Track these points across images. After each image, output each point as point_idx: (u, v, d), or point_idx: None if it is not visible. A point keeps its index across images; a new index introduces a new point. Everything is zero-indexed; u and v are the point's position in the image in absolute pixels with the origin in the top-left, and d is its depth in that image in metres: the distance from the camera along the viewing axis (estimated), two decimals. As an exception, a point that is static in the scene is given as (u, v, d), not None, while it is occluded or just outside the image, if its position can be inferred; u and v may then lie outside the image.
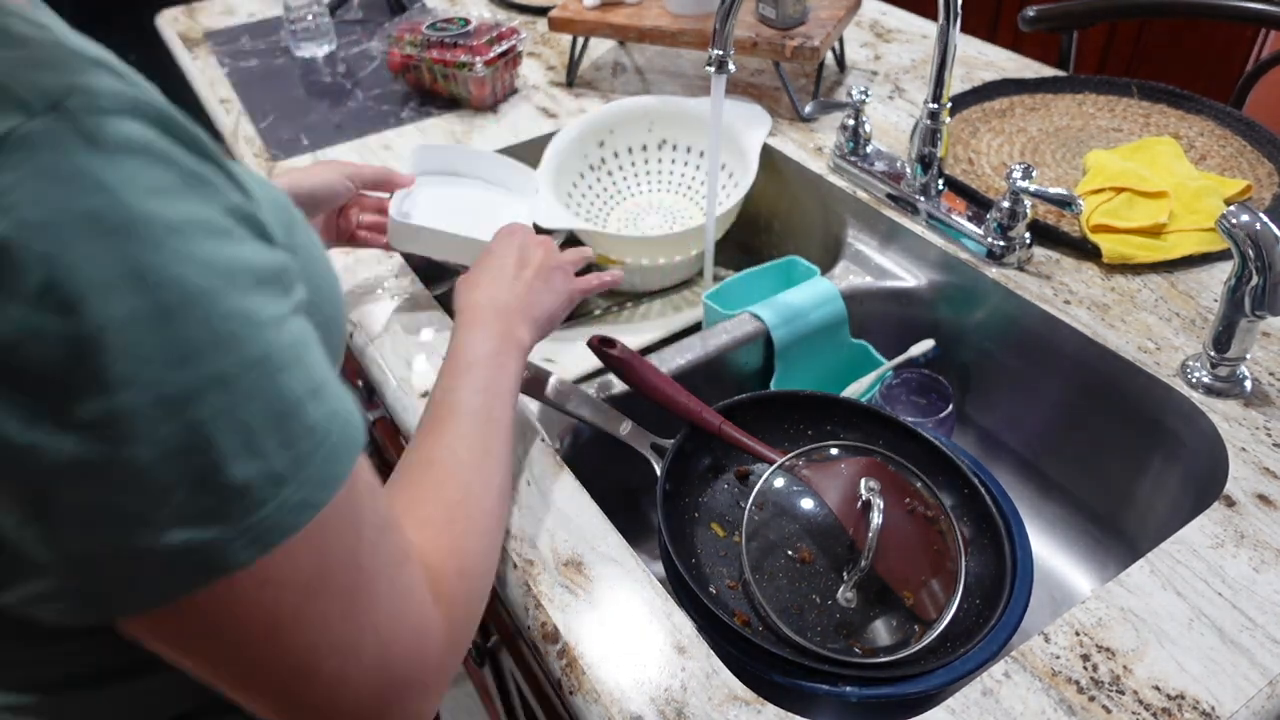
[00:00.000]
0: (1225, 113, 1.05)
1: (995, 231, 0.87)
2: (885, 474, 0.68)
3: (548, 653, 0.59)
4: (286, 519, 0.35)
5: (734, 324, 0.90)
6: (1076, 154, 1.02)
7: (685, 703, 0.55)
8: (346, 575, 0.39)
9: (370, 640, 0.40)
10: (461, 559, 0.50)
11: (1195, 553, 0.62)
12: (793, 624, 0.62)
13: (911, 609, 0.63)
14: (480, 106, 1.22)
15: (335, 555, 0.38)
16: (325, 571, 0.38)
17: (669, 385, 0.75)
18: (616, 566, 0.63)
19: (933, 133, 0.90)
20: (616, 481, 0.80)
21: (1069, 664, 0.56)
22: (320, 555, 0.37)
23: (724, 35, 0.84)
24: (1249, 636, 0.57)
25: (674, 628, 0.59)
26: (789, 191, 1.11)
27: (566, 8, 1.23)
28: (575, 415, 0.75)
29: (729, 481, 0.75)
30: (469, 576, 0.51)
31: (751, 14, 1.15)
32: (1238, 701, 0.54)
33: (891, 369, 0.89)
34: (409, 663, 0.42)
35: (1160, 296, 0.83)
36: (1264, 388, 0.74)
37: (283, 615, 0.37)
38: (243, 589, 0.35)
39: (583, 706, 0.56)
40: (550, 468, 0.71)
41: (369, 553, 0.40)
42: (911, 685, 0.58)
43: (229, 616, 0.36)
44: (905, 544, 0.65)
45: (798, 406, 0.77)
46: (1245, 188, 0.93)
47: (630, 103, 1.14)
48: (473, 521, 0.53)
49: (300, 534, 0.36)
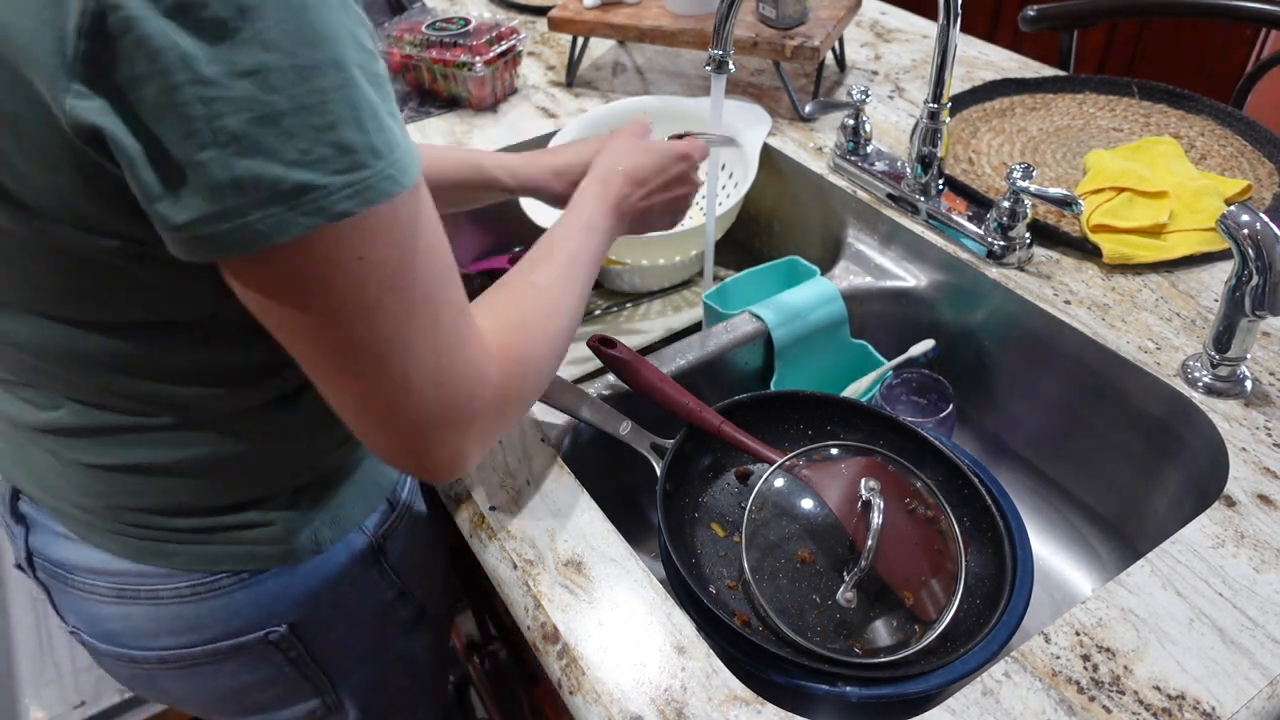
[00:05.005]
0: (1225, 112, 1.05)
1: (995, 231, 0.87)
2: (885, 474, 0.68)
3: (548, 653, 0.59)
4: (380, 185, 0.43)
5: (734, 324, 0.90)
6: (1076, 154, 1.02)
7: (685, 703, 0.55)
8: (417, 283, 0.47)
9: (430, 357, 0.48)
10: (524, 349, 0.57)
11: (1196, 553, 0.62)
12: (793, 624, 0.61)
13: (911, 609, 0.63)
14: (480, 106, 1.22)
15: (410, 255, 0.46)
16: (401, 267, 0.46)
17: (669, 385, 0.75)
18: (616, 566, 0.63)
19: (933, 133, 0.90)
20: (616, 481, 0.80)
21: (1069, 664, 0.56)
22: (398, 245, 0.45)
23: (724, 35, 0.84)
24: (1249, 637, 0.57)
25: (674, 628, 0.59)
26: (789, 191, 1.10)
27: (566, 8, 1.23)
28: (575, 415, 0.75)
29: (729, 481, 0.75)
30: (526, 362, 0.57)
31: (751, 14, 1.15)
32: (1238, 702, 0.54)
33: (891, 369, 0.89)
34: (459, 393, 0.50)
35: (1161, 296, 0.83)
36: (1264, 388, 0.74)
37: (369, 296, 0.45)
38: (340, 250, 0.43)
39: (582, 706, 0.56)
40: (550, 468, 0.71)
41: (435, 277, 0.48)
42: (911, 685, 0.58)
43: (328, 279, 0.44)
44: (905, 544, 0.65)
45: (798, 406, 0.77)
46: (1245, 188, 0.93)
47: (630, 103, 1.14)
48: (540, 329, 0.60)
49: (387, 208, 0.44)
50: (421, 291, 0.47)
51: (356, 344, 0.46)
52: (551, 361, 0.61)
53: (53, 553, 0.65)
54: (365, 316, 0.46)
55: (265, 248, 0.42)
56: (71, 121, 0.40)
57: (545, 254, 0.66)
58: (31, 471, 0.62)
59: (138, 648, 0.66)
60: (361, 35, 0.43)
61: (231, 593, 0.64)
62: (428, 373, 0.48)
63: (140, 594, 0.63)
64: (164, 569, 0.62)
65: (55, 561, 0.65)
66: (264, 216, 0.41)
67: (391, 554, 0.71)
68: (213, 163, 0.40)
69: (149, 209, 0.42)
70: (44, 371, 0.55)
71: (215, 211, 0.41)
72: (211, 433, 0.58)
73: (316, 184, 0.41)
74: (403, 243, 0.46)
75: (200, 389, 0.56)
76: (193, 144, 0.40)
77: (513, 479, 0.70)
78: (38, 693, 1.41)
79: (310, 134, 0.41)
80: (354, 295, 0.45)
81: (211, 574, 0.63)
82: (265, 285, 0.45)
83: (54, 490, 0.62)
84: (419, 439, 0.50)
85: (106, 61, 0.38)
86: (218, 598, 0.64)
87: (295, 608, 0.66)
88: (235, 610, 0.64)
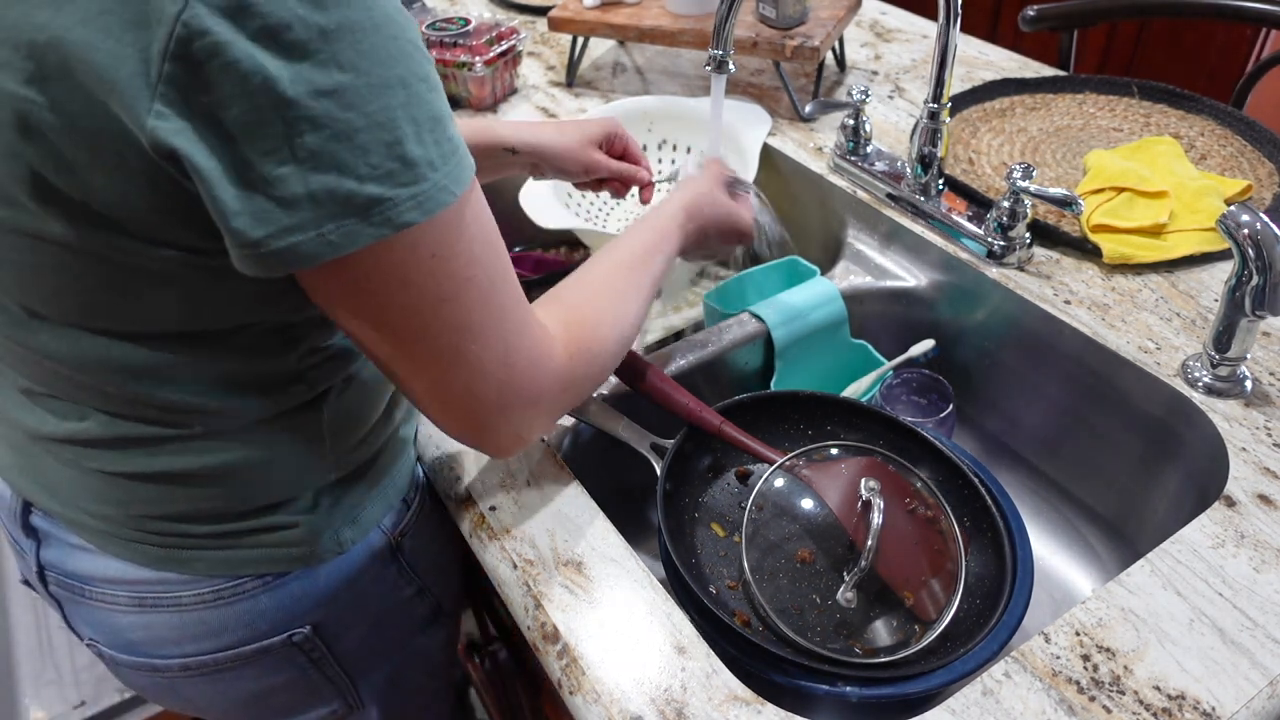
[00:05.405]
0: (1225, 112, 1.05)
1: (995, 231, 0.87)
2: (885, 474, 0.68)
3: (548, 653, 0.59)
4: (438, 195, 0.46)
5: (734, 324, 0.90)
6: (1076, 154, 1.02)
7: (685, 703, 0.55)
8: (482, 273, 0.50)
9: (497, 339, 0.52)
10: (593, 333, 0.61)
11: (1196, 553, 0.62)
12: (793, 624, 0.61)
13: (911, 609, 0.63)
14: (480, 106, 1.22)
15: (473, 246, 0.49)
16: (470, 261, 0.49)
17: (669, 385, 0.75)
18: (616, 566, 0.63)
19: (933, 132, 0.90)
20: (616, 481, 0.80)
21: (1069, 664, 0.56)
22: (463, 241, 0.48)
23: (724, 35, 0.84)
24: (1249, 636, 0.57)
25: (674, 628, 0.59)
26: (789, 191, 1.10)
27: (566, 7, 1.23)
28: (575, 415, 0.75)
29: (729, 481, 0.75)
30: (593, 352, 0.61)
31: (751, 14, 1.15)
32: (1238, 702, 0.54)
33: (891, 369, 0.89)
34: (525, 373, 0.54)
35: (1161, 296, 0.83)
36: (1264, 388, 0.74)
37: (444, 290, 0.48)
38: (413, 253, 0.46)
39: (582, 706, 0.56)
40: (550, 468, 0.71)
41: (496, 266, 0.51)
42: (911, 685, 0.58)
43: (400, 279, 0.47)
44: (905, 544, 0.65)
45: (798, 406, 0.77)
46: (1245, 188, 0.93)
47: (630, 103, 1.14)
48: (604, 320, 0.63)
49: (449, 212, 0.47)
50: (486, 279, 0.50)
51: (431, 336, 0.50)
52: (616, 355, 0.64)
53: (68, 565, 0.65)
54: (438, 309, 0.49)
55: (336, 257, 0.45)
56: (151, 141, 0.41)
57: (625, 258, 0.68)
58: (46, 483, 0.62)
59: (160, 656, 0.66)
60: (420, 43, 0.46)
61: (255, 596, 0.64)
62: (496, 355, 0.52)
63: (162, 602, 0.63)
64: (185, 575, 0.62)
65: (71, 574, 0.65)
66: (337, 228, 0.44)
67: (409, 551, 0.71)
68: (291, 178, 0.42)
69: (224, 225, 0.44)
70: (76, 382, 0.56)
71: (291, 225, 0.43)
72: (236, 440, 0.59)
73: (385, 196, 0.44)
74: (465, 237, 0.48)
75: (231, 397, 0.57)
76: (272, 161, 0.42)
77: (513, 479, 0.70)
78: (38, 693, 1.42)
79: (381, 149, 0.43)
80: (429, 290, 0.48)
81: (235, 578, 0.63)
82: (339, 291, 0.48)
83: (71, 501, 0.62)
84: (489, 417, 0.54)
85: (192, 84, 0.40)
86: (241, 601, 0.64)
87: (317, 608, 0.67)
88: (259, 613, 0.65)
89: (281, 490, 0.62)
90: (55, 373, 0.56)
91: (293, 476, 0.62)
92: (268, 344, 0.56)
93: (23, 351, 0.55)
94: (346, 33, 0.41)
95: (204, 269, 0.49)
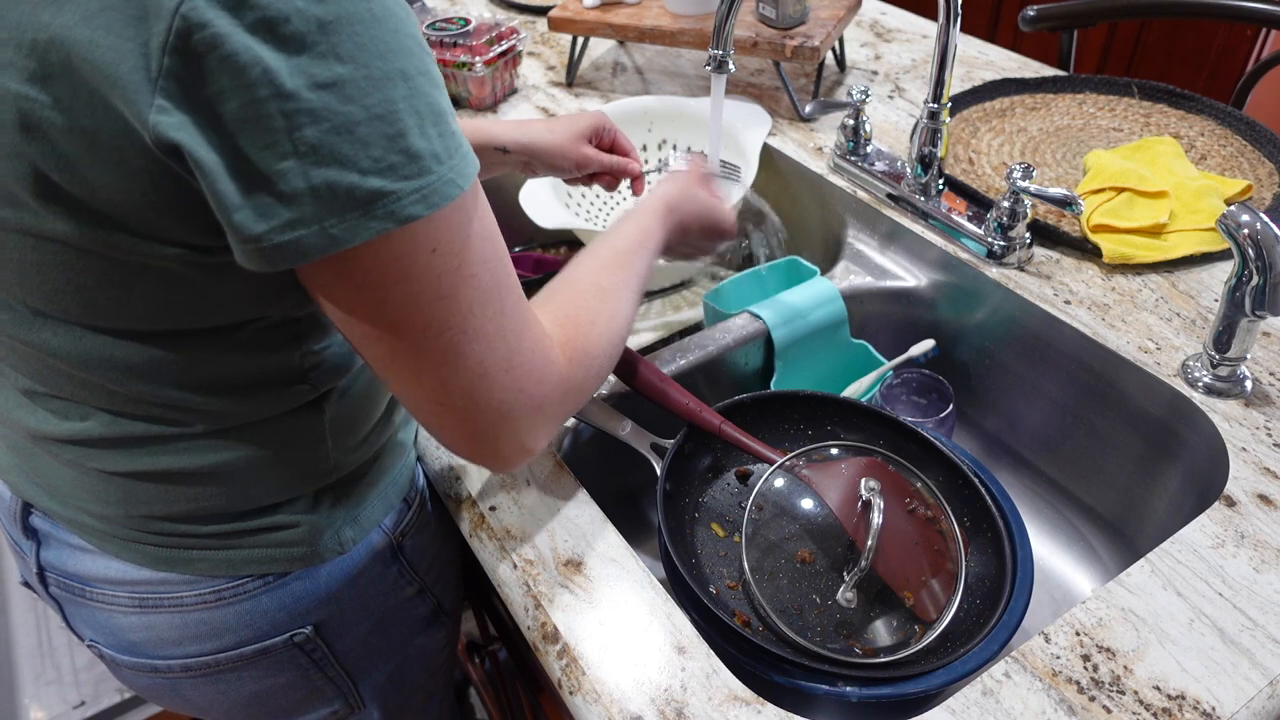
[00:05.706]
0: (1225, 112, 1.05)
1: (995, 231, 0.87)
2: (885, 474, 0.68)
3: (548, 653, 0.59)
4: (444, 189, 0.45)
5: (734, 324, 0.90)
6: (1076, 154, 1.02)
7: (685, 703, 0.55)
8: (484, 272, 0.49)
9: (500, 342, 0.51)
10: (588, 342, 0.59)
11: (1196, 553, 0.62)
12: (793, 624, 0.61)
13: (911, 609, 0.63)
14: (480, 106, 1.22)
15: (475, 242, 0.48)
16: (471, 259, 0.48)
17: (669, 385, 0.75)
18: (616, 566, 0.63)
19: (933, 132, 0.90)
20: (616, 481, 0.80)
21: (1069, 664, 0.56)
22: (466, 238, 0.48)
23: (724, 35, 0.84)
24: (1249, 636, 0.57)
25: (674, 628, 0.59)
26: (789, 191, 1.10)
27: (566, 8, 1.23)
28: (576, 415, 0.75)
29: (729, 481, 0.75)
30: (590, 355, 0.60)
31: (751, 14, 1.15)
32: (1238, 702, 0.54)
33: (891, 369, 0.89)
34: (528, 377, 0.53)
35: (1161, 296, 0.83)
36: (1264, 388, 0.74)
37: (443, 286, 0.47)
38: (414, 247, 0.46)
39: (582, 706, 0.56)
40: (550, 468, 0.71)
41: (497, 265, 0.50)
42: (911, 685, 0.58)
43: (401, 274, 0.46)
44: (905, 544, 0.65)
45: (798, 406, 0.77)
46: (1245, 188, 0.93)
47: (630, 103, 1.13)
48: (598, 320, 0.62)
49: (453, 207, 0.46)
50: (489, 278, 0.50)
51: (432, 336, 0.49)
52: (612, 357, 0.63)
53: (69, 566, 0.65)
54: (440, 307, 0.48)
55: (339, 251, 0.44)
56: (153, 135, 0.41)
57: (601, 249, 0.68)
58: (47, 484, 0.62)
59: (161, 657, 0.66)
60: (420, 38, 0.45)
61: (256, 596, 0.64)
62: (498, 358, 0.51)
63: (163, 602, 0.63)
64: (186, 576, 0.62)
65: (71, 575, 0.65)
66: (339, 222, 0.43)
67: (409, 551, 0.71)
68: (292, 172, 0.42)
69: (226, 220, 0.43)
70: (80, 381, 0.56)
71: (293, 219, 0.43)
72: (238, 439, 0.59)
73: (388, 190, 0.43)
74: (467, 234, 0.48)
75: (233, 396, 0.57)
76: (273, 155, 0.41)
77: (513, 479, 0.70)
78: (38, 693, 1.42)
79: (383, 142, 0.43)
80: (428, 287, 0.47)
81: (236, 578, 0.63)
82: (340, 286, 0.47)
83: (71, 501, 0.62)
84: (493, 425, 0.53)
85: (191, 77, 0.40)
86: (243, 602, 0.64)
87: (319, 608, 0.67)
88: (260, 614, 0.65)
89: (283, 490, 0.62)
90: (58, 371, 0.56)
91: (294, 476, 0.62)
92: (271, 341, 0.56)
93: (26, 350, 0.55)
94: (345, 25, 0.41)
95: (206, 266, 0.49)
